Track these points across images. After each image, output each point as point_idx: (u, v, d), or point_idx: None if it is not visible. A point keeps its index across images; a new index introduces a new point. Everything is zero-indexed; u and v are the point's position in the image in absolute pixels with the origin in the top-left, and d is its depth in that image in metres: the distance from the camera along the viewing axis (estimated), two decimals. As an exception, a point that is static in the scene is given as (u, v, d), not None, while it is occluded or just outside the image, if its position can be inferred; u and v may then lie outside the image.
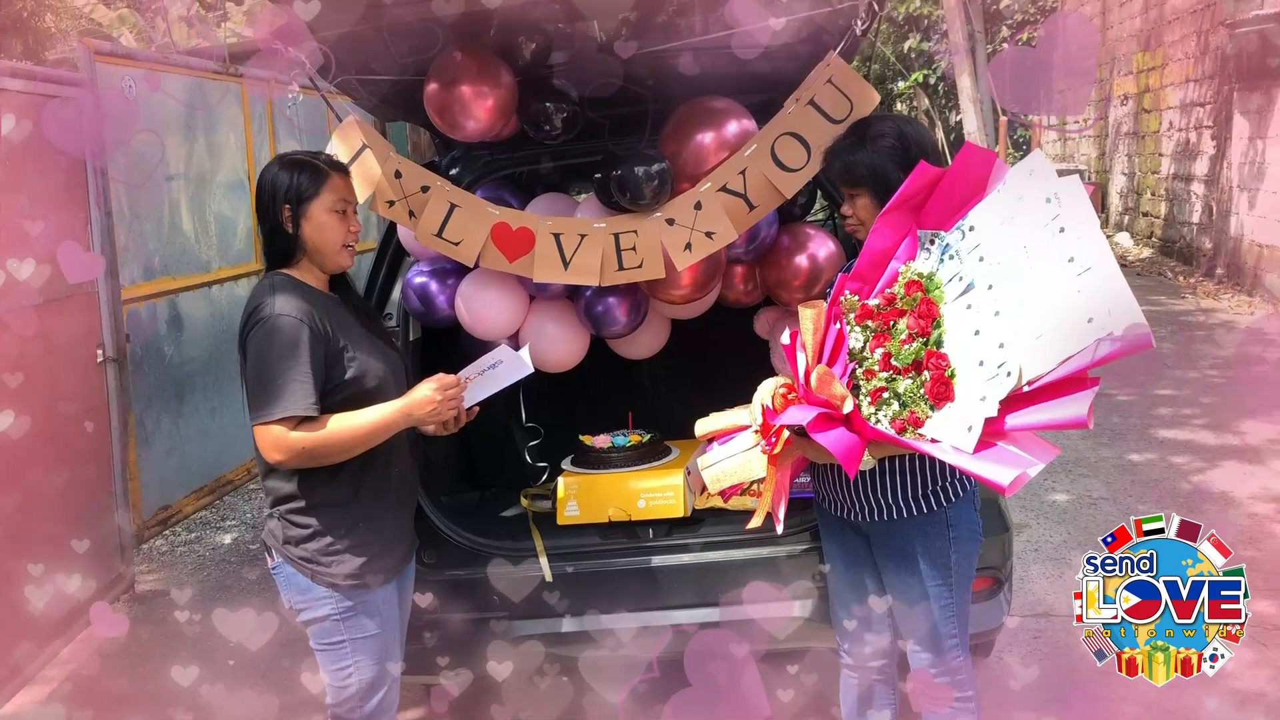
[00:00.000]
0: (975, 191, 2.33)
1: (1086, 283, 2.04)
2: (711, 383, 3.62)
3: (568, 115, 3.17)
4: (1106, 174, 15.09)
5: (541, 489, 3.46)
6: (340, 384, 2.46)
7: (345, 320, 2.55)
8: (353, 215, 2.56)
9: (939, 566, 2.57)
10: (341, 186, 2.54)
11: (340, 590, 2.51)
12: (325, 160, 2.56)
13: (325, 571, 2.50)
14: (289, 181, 2.49)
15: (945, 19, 12.94)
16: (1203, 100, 11.40)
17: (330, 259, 2.55)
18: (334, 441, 2.41)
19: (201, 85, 6.04)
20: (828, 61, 2.92)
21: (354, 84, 3.19)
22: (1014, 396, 2.12)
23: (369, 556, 2.53)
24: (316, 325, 2.43)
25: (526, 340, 3.39)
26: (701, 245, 2.98)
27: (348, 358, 2.48)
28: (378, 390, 2.51)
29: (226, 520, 5.94)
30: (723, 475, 2.56)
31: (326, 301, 2.55)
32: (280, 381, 2.37)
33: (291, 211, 2.49)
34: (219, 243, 6.17)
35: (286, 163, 2.53)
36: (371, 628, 2.56)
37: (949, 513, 2.56)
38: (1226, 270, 10.75)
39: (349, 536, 2.51)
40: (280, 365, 2.38)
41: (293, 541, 2.52)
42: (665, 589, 3.08)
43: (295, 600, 2.56)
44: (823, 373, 2.23)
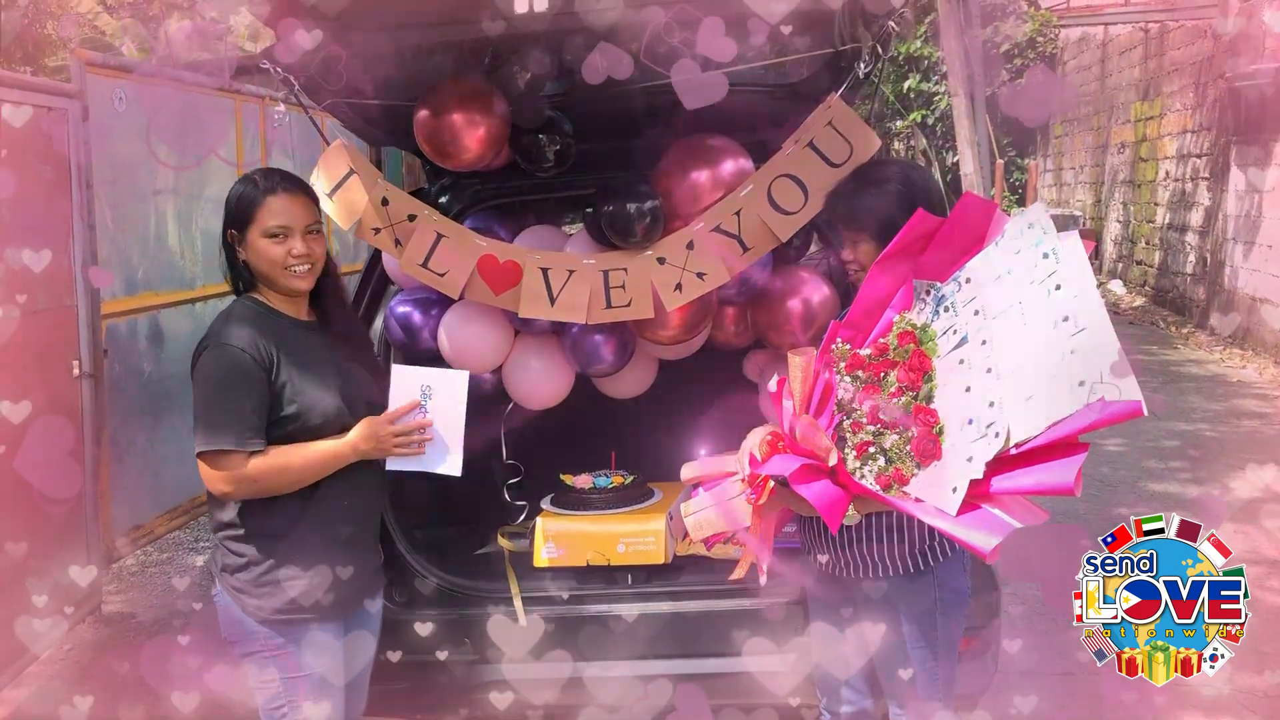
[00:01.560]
0: (974, 242, 2.28)
1: (1080, 343, 2.00)
2: (698, 425, 3.54)
3: (560, 147, 3.11)
4: (1102, 221, 15.12)
5: (519, 528, 3.37)
6: (279, 420, 2.39)
7: (309, 350, 2.47)
8: (300, 238, 2.44)
9: (923, 628, 2.49)
10: (279, 209, 2.42)
11: (270, 625, 2.42)
12: (265, 180, 2.46)
13: (254, 604, 2.41)
14: (231, 204, 2.45)
15: (945, 60, 12.98)
16: (1200, 151, 11.43)
17: (278, 284, 2.46)
18: (274, 472, 2.34)
19: (194, 99, 5.97)
20: (828, 103, 2.86)
21: (342, 107, 3.12)
22: (1001, 458, 2.06)
23: (302, 592, 2.43)
24: (260, 355, 2.36)
25: (510, 375, 3.32)
26: (692, 286, 2.91)
27: (288, 393, 2.39)
28: (322, 428, 2.42)
29: (200, 541, 5.83)
30: (705, 523, 2.51)
31: (290, 329, 2.47)
32: (217, 413, 2.32)
33: (236, 236, 2.45)
34: (204, 259, 6.07)
35: (239, 180, 2.49)
36: (307, 667, 2.45)
37: (936, 572, 2.49)
38: (1219, 322, 10.73)
39: (282, 569, 2.42)
40: (219, 396, 2.33)
41: (228, 570, 2.45)
42: (643, 638, 2.99)
43: (228, 631, 2.49)
44: (808, 423, 2.17)
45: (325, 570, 2.47)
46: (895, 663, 2.51)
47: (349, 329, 2.67)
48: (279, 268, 2.43)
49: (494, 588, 3.04)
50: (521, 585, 3.03)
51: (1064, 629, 4.25)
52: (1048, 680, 3.91)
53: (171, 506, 5.74)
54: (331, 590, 2.48)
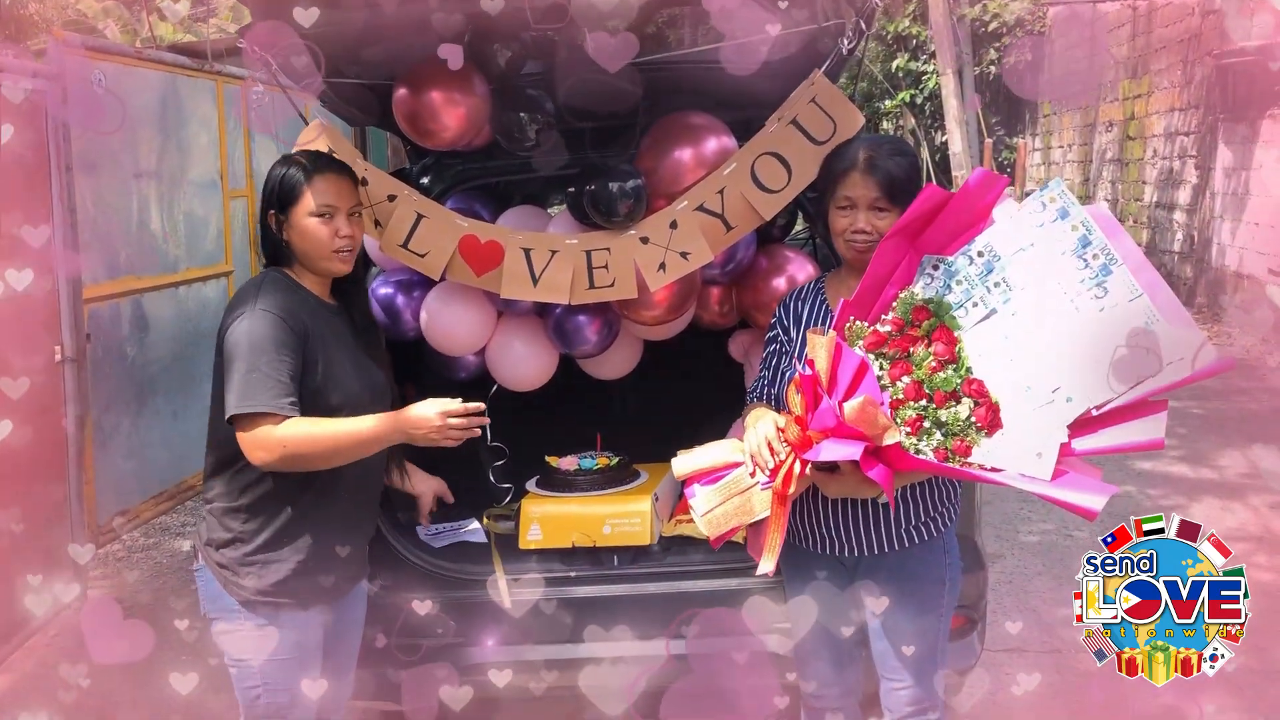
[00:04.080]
0: (979, 217, 2.27)
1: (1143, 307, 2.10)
2: (684, 406, 3.53)
3: (541, 126, 3.08)
4: (1090, 199, 15.11)
5: (504, 510, 3.35)
6: (305, 391, 2.33)
7: (335, 332, 2.45)
8: (345, 218, 2.42)
9: (933, 596, 2.51)
10: (326, 189, 2.40)
11: (250, 605, 2.38)
12: (310, 160, 2.44)
13: (236, 582, 2.37)
14: (274, 184, 2.42)
15: (934, 40, 12.94)
16: (1187, 129, 11.43)
17: (318, 265, 2.44)
18: (319, 444, 2.28)
19: (175, 81, 5.91)
20: (812, 80, 2.83)
21: (321, 86, 3.08)
22: (1081, 420, 2.13)
23: (287, 575, 2.39)
24: (298, 324, 2.33)
25: (493, 357, 3.30)
26: (676, 266, 2.89)
27: (318, 369, 2.36)
28: (339, 409, 2.36)
29: (186, 526, 5.81)
30: (722, 518, 2.38)
31: (319, 307, 2.44)
32: (255, 377, 2.26)
33: (276, 216, 2.42)
34: (188, 243, 6.03)
35: (281, 161, 2.45)
36: (284, 651, 2.41)
37: (944, 540, 2.51)
38: (1206, 299, 10.75)
39: (269, 550, 2.38)
40: (256, 360, 2.27)
41: (213, 544, 2.40)
42: (629, 618, 2.98)
43: (207, 607, 2.44)
44: (867, 402, 2.10)
45: (317, 554, 2.43)
46: (902, 635, 2.50)
47: (367, 320, 2.65)
48: (325, 248, 2.41)
49: (478, 570, 3.03)
50: (506, 567, 3.01)
51: (1050, 606, 4.28)
52: (1032, 658, 3.92)
53: (157, 491, 5.72)
54: (321, 575, 2.44)
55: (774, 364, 2.57)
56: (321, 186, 2.40)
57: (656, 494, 3.11)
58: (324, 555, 2.45)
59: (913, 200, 2.32)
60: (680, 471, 2.48)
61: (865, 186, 2.39)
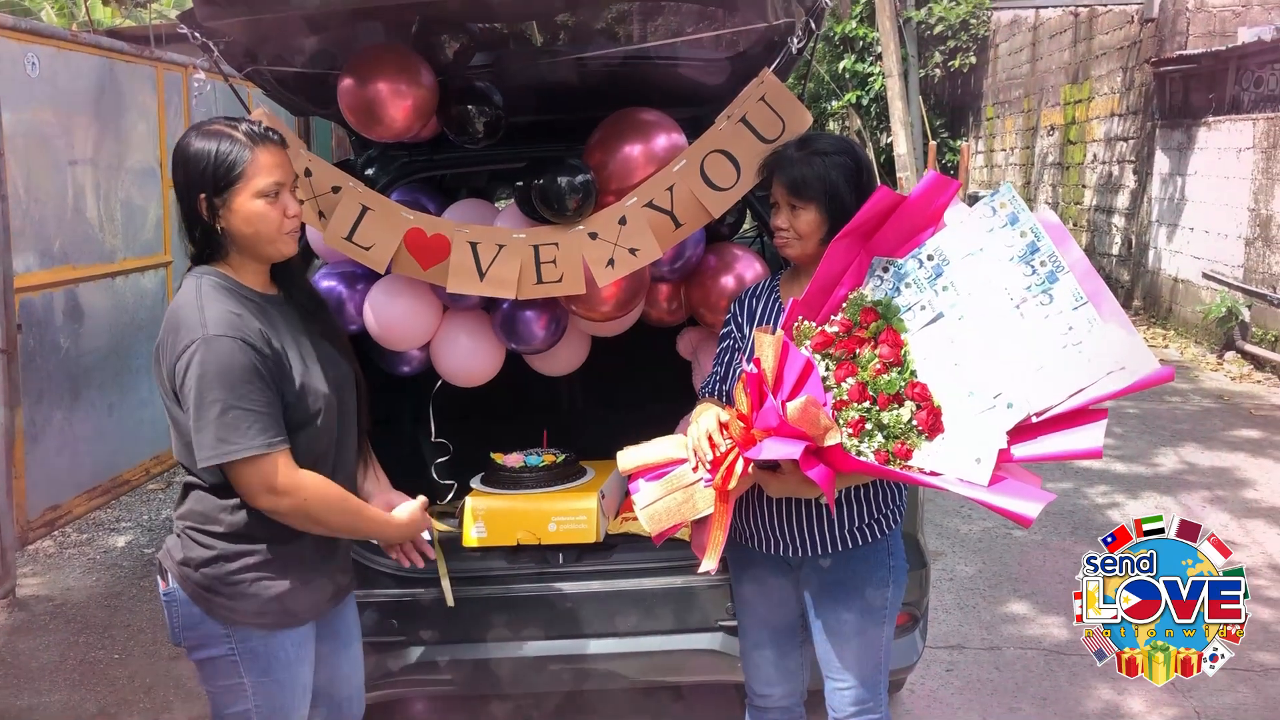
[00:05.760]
0: (930, 220, 2.28)
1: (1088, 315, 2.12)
2: (631, 403, 3.53)
3: (490, 119, 3.04)
4: (1032, 202, 15.34)
5: (448, 508, 3.32)
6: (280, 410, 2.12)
7: (289, 326, 2.20)
8: (290, 194, 2.15)
9: (877, 597, 2.50)
10: (271, 163, 2.10)
11: (238, 626, 2.17)
12: (249, 131, 2.11)
13: (224, 604, 2.15)
14: (204, 163, 2.07)
15: (880, 42, 13.05)
16: (1126, 135, 11.64)
17: (265, 251, 2.15)
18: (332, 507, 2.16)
19: (113, 67, 5.77)
20: (761, 78, 2.83)
21: (264, 74, 3.02)
22: (1021, 427, 2.13)
23: (280, 592, 2.18)
24: (258, 341, 2.08)
25: (438, 352, 3.26)
26: (625, 262, 2.87)
27: (289, 380, 2.13)
28: (318, 416, 2.17)
29: (121, 522, 5.68)
30: (663, 514, 2.35)
31: (265, 305, 2.18)
32: (233, 416, 2.02)
33: (209, 201, 2.08)
34: (125, 232, 5.89)
35: (203, 134, 2.10)
36: (277, 671, 2.22)
37: (889, 541, 2.51)
38: (1143, 303, 10.96)
39: (258, 570, 2.16)
40: (228, 397, 2.02)
41: (191, 564, 2.16)
42: (574, 617, 2.97)
43: (185, 635, 2.20)
44: (809, 403, 2.10)
45: (308, 571, 2.24)
46: (846, 636, 2.50)
47: (316, 299, 2.40)
48: (276, 231, 2.13)
49: (421, 568, 2.98)
50: (450, 566, 2.97)
51: (989, 603, 4.34)
52: (972, 654, 3.97)
53: (90, 486, 5.58)
54: (314, 588, 2.26)
55: (726, 360, 2.57)
56: (266, 162, 2.10)
57: (603, 491, 3.09)
58: (315, 569, 2.26)
59: (835, 197, 2.36)
60: (625, 466, 2.45)
61: (779, 185, 2.43)
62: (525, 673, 3.01)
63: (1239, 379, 8.30)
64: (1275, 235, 8.29)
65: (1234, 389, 8.03)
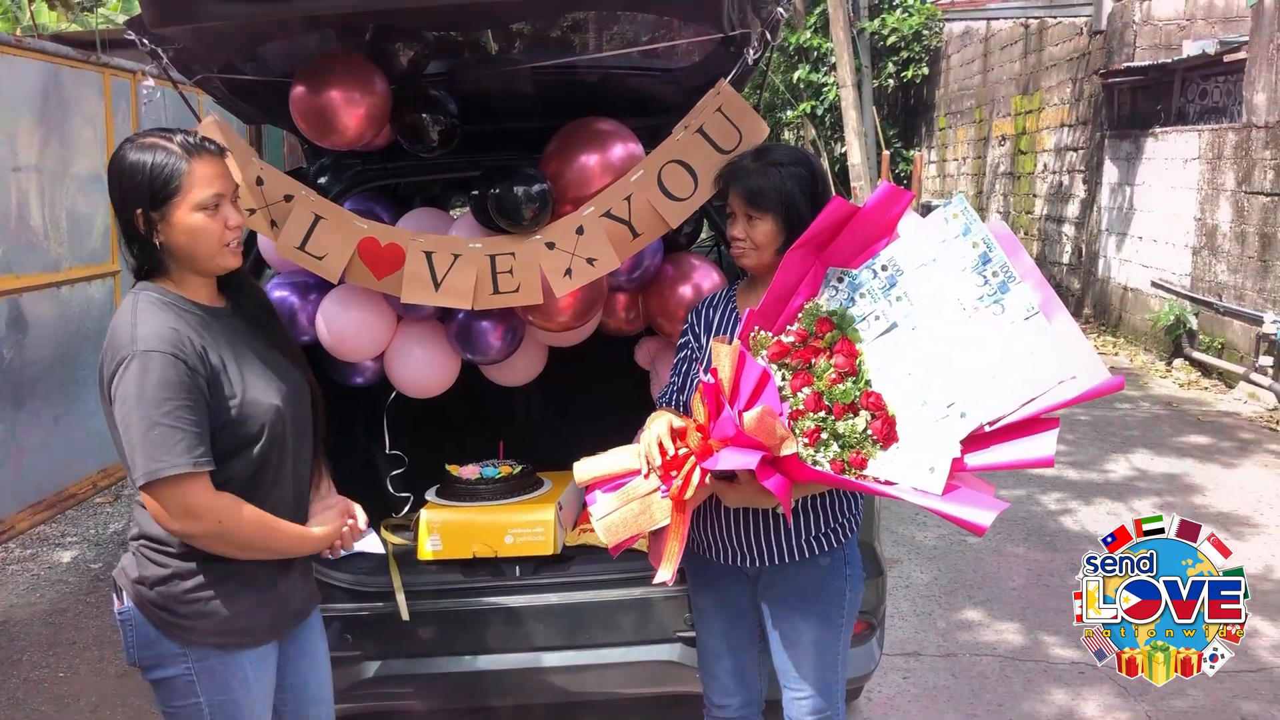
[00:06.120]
0: (884, 231, 2.29)
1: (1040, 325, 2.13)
2: (589, 413, 3.51)
3: (444, 128, 3.02)
4: (984, 212, 15.53)
5: (403, 520, 3.28)
6: (215, 430, 2.05)
7: (233, 340, 2.14)
8: (231, 206, 2.10)
9: (834, 607, 2.51)
10: (209, 175, 2.05)
11: (194, 645, 2.11)
12: (184, 142, 2.06)
13: (179, 623, 2.10)
14: (140, 177, 2.02)
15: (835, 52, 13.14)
16: (1076, 145, 11.81)
17: (207, 265, 2.10)
18: (246, 528, 2.07)
19: (58, 72, 5.67)
20: (718, 89, 2.83)
21: (215, 82, 2.97)
22: (974, 436, 2.14)
23: (236, 613, 2.13)
24: (192, 357, 2.02)
25: (393, 363, 3.23)
26: (582, 272, 2.85)
27: (229, 396, 2.07)
28: (261, 434, 2.11)
29: (67, 537, 5.56)
30: (620, 525, 2.33)
31: (209, 318, 2.13)
32: (157, 434, 1.96)
33: (146, 215, 2.03)
34: (71, 240, 5.79)
35: (138, 147, 2.05)
36: (235, 691, 2.15)
37: (846, 550, 2.51)
38: (1093, 311, 11.12)
39: (215, 586, 2.10)
40: (151, 414, 1.96)
41: (146, 582, 2.10)
42: (531, 630, 2.94)
43: (140, 655, 2.14)
44: (765, 413, 2.09)
45: (265, 589, 2.18)
46: (803, 646, 2.50)
47: (266, 309, 2.32)
48: (216, 245, 2.07)
49: (375, 582, 2.95)
50: (405, 579, 2.93)
51: (945, 610, 4.36)
52: (929, 661, 3.99)
53: (35, 500, 5.48)
54: (272, 606, 2.21)
55: (684, 370, 2.56)
56: (204, 173, 2.05)
57: (560, 503, 3.06)
58: (273, 585, 2.20)
59: (792, 208, 2.36)
60: (582, 477, 2.42)
61: (735, 195, 2.43)
62: (481, 687, 2.98)
63: (1187, 386, 8.44)
64: (1220, 244, 8.45)
65: (1182, 395, 8.16)
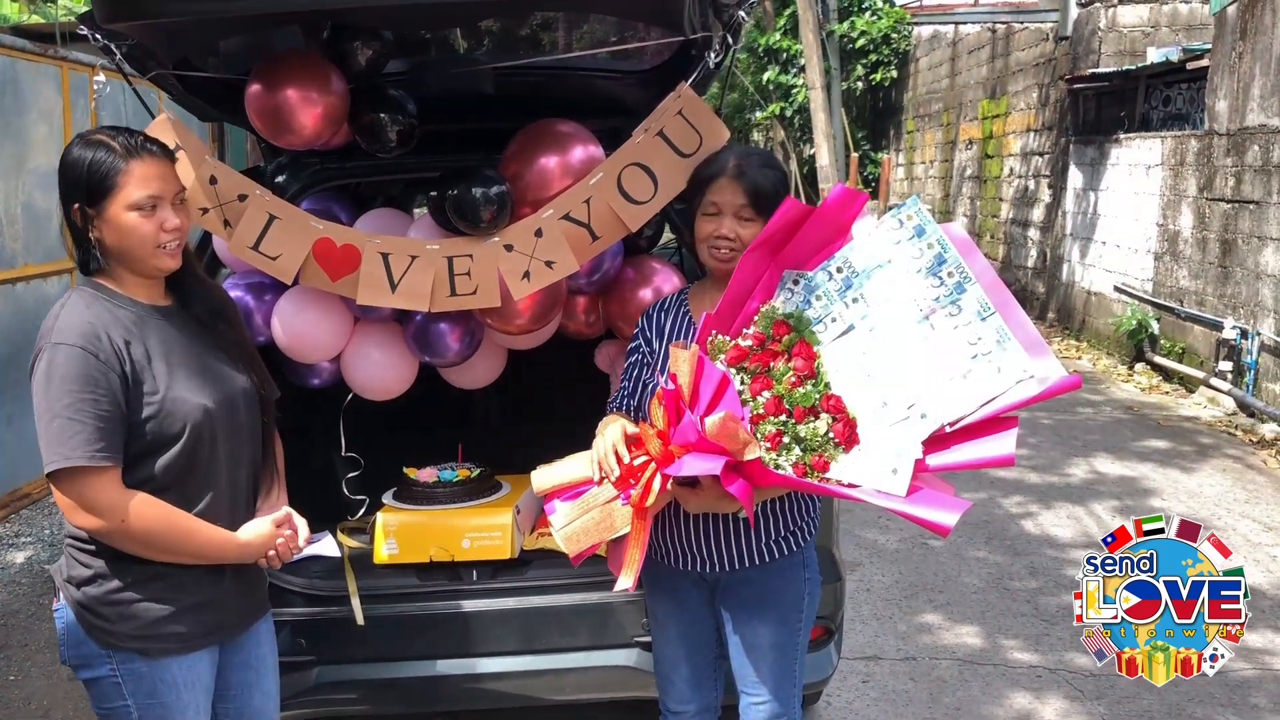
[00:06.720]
0: (838, 232, 2.28)
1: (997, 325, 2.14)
2: (549, 417, 3.48)
3: (403, 128, 2.99)
4: (950, 215, 15.63)
5: (359, 524, 3.25)
6: (132, 426, 2.03)
7: (169, 338, 2.12)
8: (171, 208, 2.08)
9: (793, 611, 2.51)
10: (146, 175, 2.05)
11: (118, 649, 2.09)
12: (126, 142, 2.06)
13: (102, 625, 2.08)
14: (79, 172, 2.04)
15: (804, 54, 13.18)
16: (1041, 150, 11.91)
17: (143, 265, 2.10)
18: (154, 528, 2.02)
19: (15, 65, 5.58)
20: (679, 92, 2.82)
21: (169, 79, 2.92)
22: (935, 437, 2.15)
23: (160, 617, 2.09)
24: (106, 351, 2.00)
25: (349, 365, 3.19)
26: (541, 275, 2.84)
27: (149, 392, 2.05)
28: (184, 434, 2.07)
29: (20, 537, 5.48)
30: (581, 534, 2.31)
31: (146, 315, 2.11)
32: (58, 425, 1.94)
33: (82, 210, 2.05)
34: (26, 236, 5.70)
35: (83, 143, 2.06)
36: (164, 694, 2.11)
37: (804, 554, 2.51)
38: (1057, 315, 11.22)
39: (138, 589, 2.08)
40: (54, 405, 1.95)
41: (74, 582, 2.10)
42: (488, 635, 2.92)
43: (69, 654, 2.13)
44: (727, 418, 2.08)
45: (196, 594, 2.14)
46: (761, 650, 2.49)
47: (215, 310, 2.28)
48: (150, 246, 2.07)
49: (330, 586, 2.91)
50: (360, 583, 2.90)
51: (906, 613, 4.38)
52: (888, 665, 3.99)
53: (-12, 500, 5.38)
54: (198, 617, 2.15)
55: (635, 375, 2.55)
56: (142, 173, 2.05)
57: (518, 506, 3.04)
58: (207, 590, 2.16)
59: (775, 204, 2.32)
60: (540, 486, 2.39)
61: (732, 193, 2.39)
62: (438, 692, 2.96)
63: (1148, 390, 8.52)
64: (1182, 250, 8.54)
65: (1143, 400, 8.24)
